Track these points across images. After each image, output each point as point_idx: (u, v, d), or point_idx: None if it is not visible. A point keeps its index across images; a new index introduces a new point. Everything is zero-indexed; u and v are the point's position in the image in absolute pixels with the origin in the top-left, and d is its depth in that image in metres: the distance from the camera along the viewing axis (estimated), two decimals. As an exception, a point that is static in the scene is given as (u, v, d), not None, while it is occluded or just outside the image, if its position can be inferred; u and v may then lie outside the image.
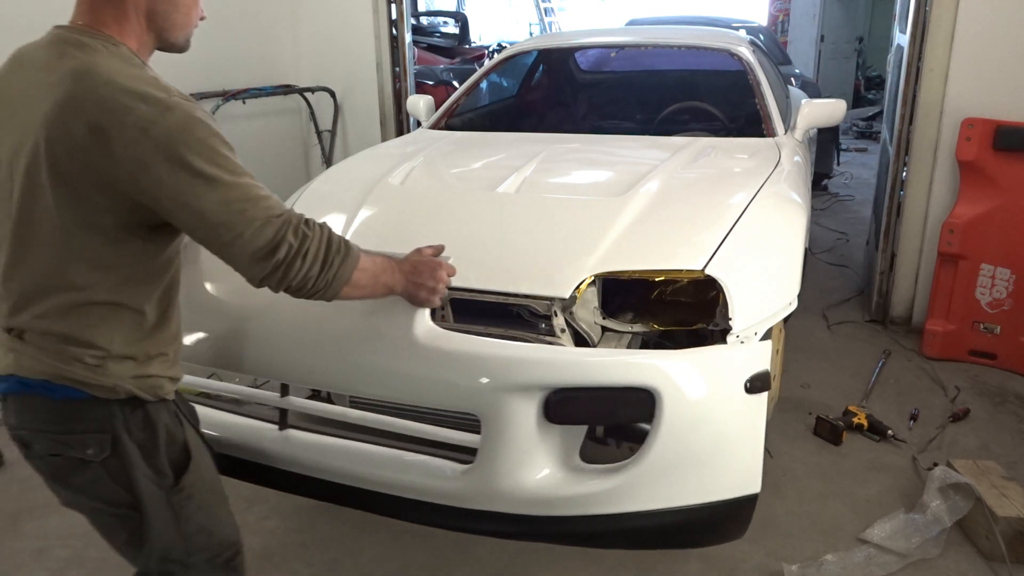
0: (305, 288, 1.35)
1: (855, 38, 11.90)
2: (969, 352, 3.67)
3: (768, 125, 3.39)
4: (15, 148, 1.25)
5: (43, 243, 1.25)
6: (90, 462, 1.28)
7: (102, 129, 1.17)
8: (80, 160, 1.19)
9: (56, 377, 1.27)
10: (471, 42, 10.69)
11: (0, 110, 1.29)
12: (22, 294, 1.28)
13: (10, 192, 1.26)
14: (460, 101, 3.88)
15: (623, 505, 1.63)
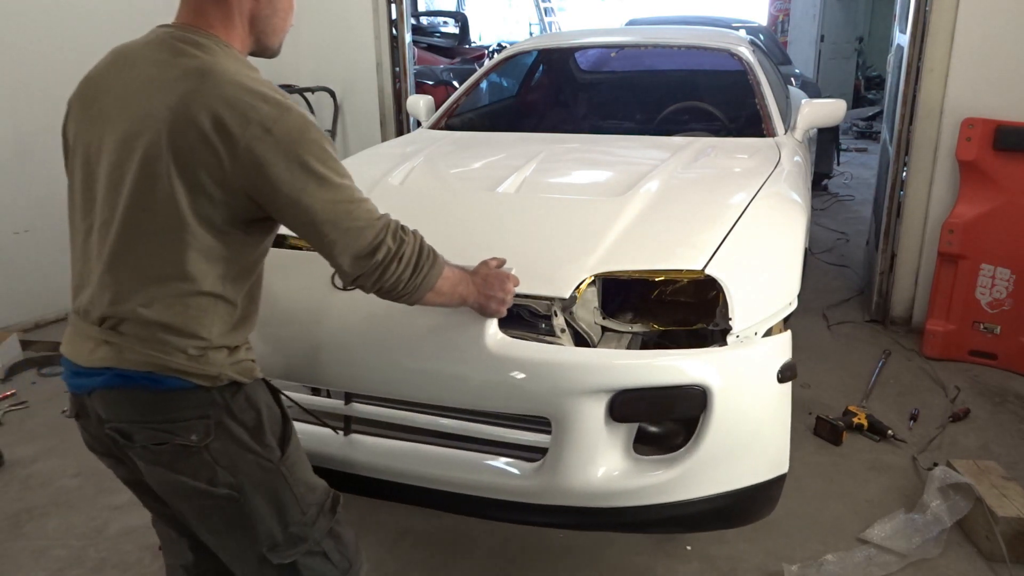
0: (395, 290, 1.44)
1: (855, 38, 11.90)
2: (969, 352, 3.67)
3: (768, 125, 3.39)
4: (125, 138, 1.28)
5: (160, 231, 1.27)
6: (193, 447, 1.31)
7: (225, 125, 1.23)
8: (202, 153, 1.24)
9: (161, 368, 1.29)
10: (471, 42, 10.69)
11: (106, 101, 1.33)
12: (131, 282, 1.29)
13: (120, 179, 1.29)
14: (460, 101, 3.88)
15: (679, 494, 1.76)
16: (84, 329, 1.34)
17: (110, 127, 1.31)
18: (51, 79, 4.09)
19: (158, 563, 2.35)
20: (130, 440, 1.33)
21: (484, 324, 1.77)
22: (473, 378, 1.76)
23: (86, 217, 1.36)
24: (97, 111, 1.35)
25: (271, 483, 1.38)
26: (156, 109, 1.26)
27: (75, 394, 1.40)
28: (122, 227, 1.29)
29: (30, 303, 4.12)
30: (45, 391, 3.45)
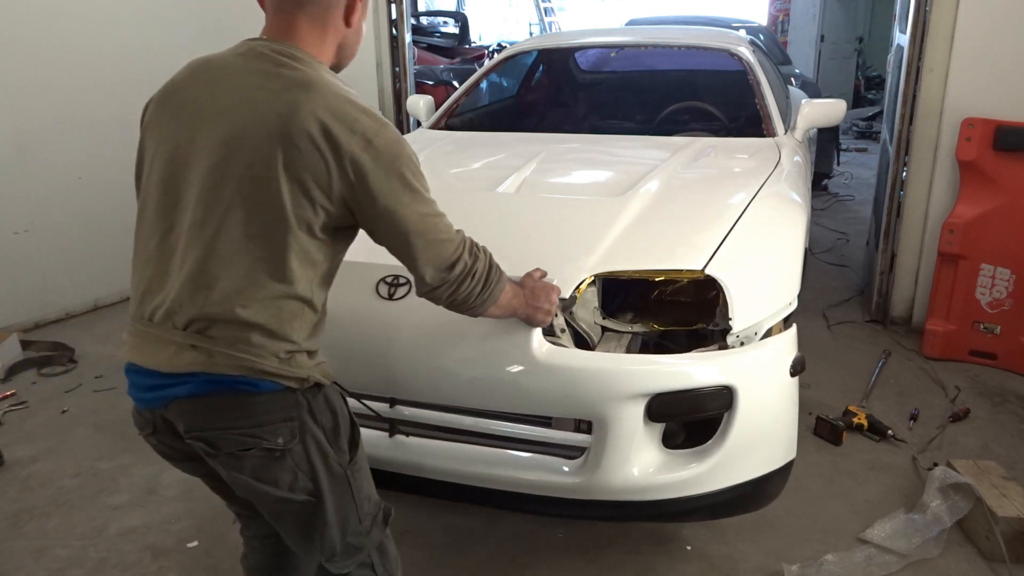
0: (466, 303, 1.52)
1: (855, 38, 11.90)
2: (969, 352, 3.67)
3: (768, 125, 3.39)
4: (227, 140, 1.31)
5: (263, 233, 1.30)
6: (278, 451, 1.33)
7: (332, 134, 1.29)
8: (311, 158, 1.28)
9: (254, 372, 1.30)
10: (471, 42, 10.70)
11: (200, 106, 1.36)
12: (229, 282, 1.30)
13: (219, 180, 1.31)
14: (460, 101, 3.88)
15: (709, 485, 1.90)
16: (162, 334, 1.33)
17: (205, 130, 1.33)
18: (51, 79, 4.09)
19: (158, 563, 2.35)
20: (215, 448, 1.33)
21: (530, 333, 1.86)
22: (521, 385, 1.85)
23: (165, 218, 1.36)
24: (188, 115, 1.37)
25: (339, 489, 1.41)
26: (264, 115, 1.30)
27: (148, 409, 1.40)
28: (221, 227, 1.30)
29: (30, 303, 4.12)
30: (45, 391, 3.46)
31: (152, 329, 1.35)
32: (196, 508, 2.61)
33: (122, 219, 4.52)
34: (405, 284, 1.97)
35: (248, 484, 1.36)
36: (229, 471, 1.36)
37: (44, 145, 4.10)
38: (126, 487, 2.73)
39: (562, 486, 1.90)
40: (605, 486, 1.87)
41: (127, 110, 4.47)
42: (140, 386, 1.39)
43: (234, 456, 1.33)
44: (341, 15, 1.43)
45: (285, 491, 1.36)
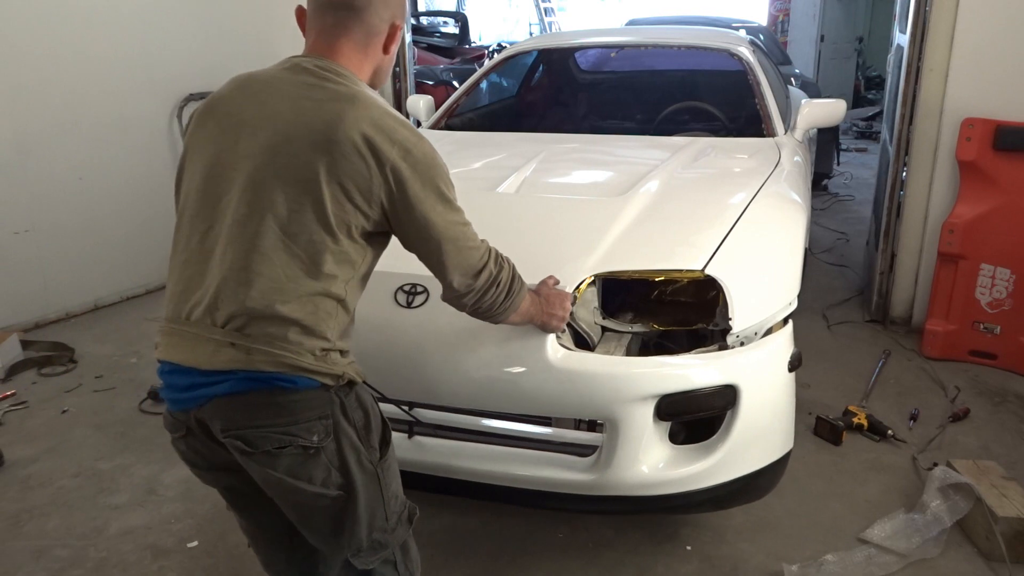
0: (490, 311, 1.60)
1: (855, 38, 11.90)
2: (969, 352, 3.66)
3: (768, 125, 3.39)
4: (272, 145, 1.37)
5: (304, 232, 1.36)
6: (312, 448, 1.36)
7: (374, 144, 1.36)
8: (354, 164, 1.36)
9: (291, 369, 1.34)
10: (471, 42, 10.70)
11: (245, 114, 1.42)
12: (270, 280, 1.34)
13: (262, 182, 1.37)
14: (460, 101, 3.88)
15: (714, 479, 1.99)
16: (200, 332, 1.35)
17: (249, 135, 1.40)
18: (51, 79, 4.09)
19: (158, 563, 2.35)
20: (252, 446, 1.35)
21: (544, 339, 1.92)
22: (536, 388, 1.91)
23: (205, 219, 1.40)
24: (233, 122, 1.43)
25: (370, 485, 1.44)
26: (310, 122, 1.36)
27: (181, 411, 1.41)
28: (263, 225, 1.35)
29: (30, 303, 4.12)
30: (45, 391, 3.46)
31: (190, 328, 1.37)
32: (196, 508, 2.61)
33: (122, 219, 4.54)
34: (423, 293, 2.02)
35: (281, 482, 1.38)
36: (263, 469, 1.38)
37: (45, 145, 4.09)
38: (126, 487, 2.73)
39: (576, 483, 1.97)
40: (617, 482, 1.95)
41: (127, 111, 4.50)
42: (177, 386, 1.40)
43: (270, 454, 1.36)
44: (381, 43, 1.52)
45: (318, 487, 1.39)
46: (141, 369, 3.63)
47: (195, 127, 1.49)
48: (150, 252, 4.71)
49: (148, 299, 4.63)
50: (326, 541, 1.49)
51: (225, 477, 1.50)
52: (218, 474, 1.50)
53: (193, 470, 1.52)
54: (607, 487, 1.96)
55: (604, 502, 2.00)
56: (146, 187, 4.65)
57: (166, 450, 2.95)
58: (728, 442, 2.00)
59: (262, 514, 1.56)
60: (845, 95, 10.35)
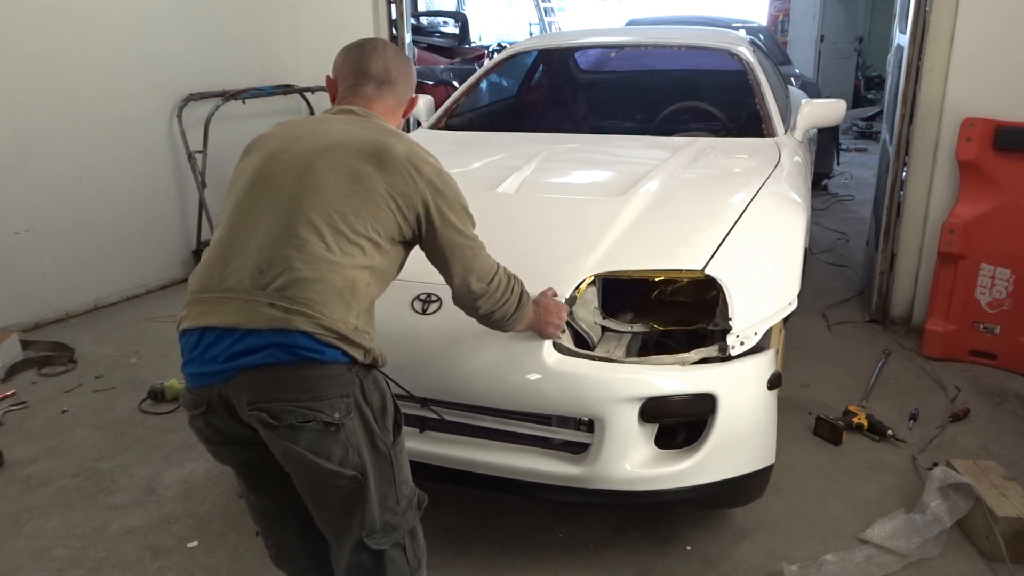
0: (501, 320, 1.80)
1: (855, 38, 11.90)
2: (969, 352, 3.66)
3: (768, 125, 3.39)
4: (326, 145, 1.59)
5: (352, 219, 1.53)
6: (333, 425, 1.45)
7: (416, 164, 1.61)
8: (400, 174, 1.58)
9: (325, 331, 1.44)
10: (471, 42, 10.69)
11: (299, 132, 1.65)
12: (314, 247, 1.48)
13: (319, 168, 1.55)
14: (460, 101, 3.88)
15: (692, 480, 2.10)
16: (239, 295, 1.46)
17: (303, 141, 1.61)
18: (51, 79, 4.09)
19: (158, 563, 2.35)
20: (277, 420, 1.43)
21: (542, 344, 2.05)
22: (533, 388, 2.05)
23: (254, 199, 1.56)
24: (288, 135, 1.65)
25: (383, 467, 1.54)
26: (361, 138, 1.61)
27: (207, 386, 1.48)
28: (316, 202, 1.51)
29: (30, 303, 4.12)
30: (45, 391, 3.46)
31: (228, 293, 1.47)
32: (196, 508, 2.61)
33: (122, 219, 4.54)
34: (436, 301, 2.14)
35: (301, 457, 1.45)
36: (285, 443, 1.45)
37: (45, 146, 4.09)
38: (126, 487, 2.73)
39: (570, 476, 2.09)
40: (604, 476, 2.06)
41: (128, 111, 4.50)
42: (207, 359, 1.46)
43: (293, 428, 1.43)
44: (402, 111, 1.84)
45: (336, 465, 1.46)
46: (141, 369, 3.63)
47: (245, 152, 1.70)
48: (150, 252, 4.72)
49: (148, 299, 4.63)
50: (337, 521, 1.55)
51: (242, 452, 1.57)
52: (235, 449, 1.57)
53: (210, 447, 1.59)
54: (595, 481, 2.07)
55: (595, 495, 2.11)
56: (146, 187, 4.65)
57: (166, 450, 2.96)
58: (707, 447, 2.09)
59: (278, 491, 1.62)
60: (845, 95, 10.35)
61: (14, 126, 3.96)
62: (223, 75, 4.98)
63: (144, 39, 4.51)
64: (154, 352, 3.83)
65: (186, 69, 4.75)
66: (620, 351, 2.18)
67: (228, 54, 5.06)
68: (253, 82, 5.11)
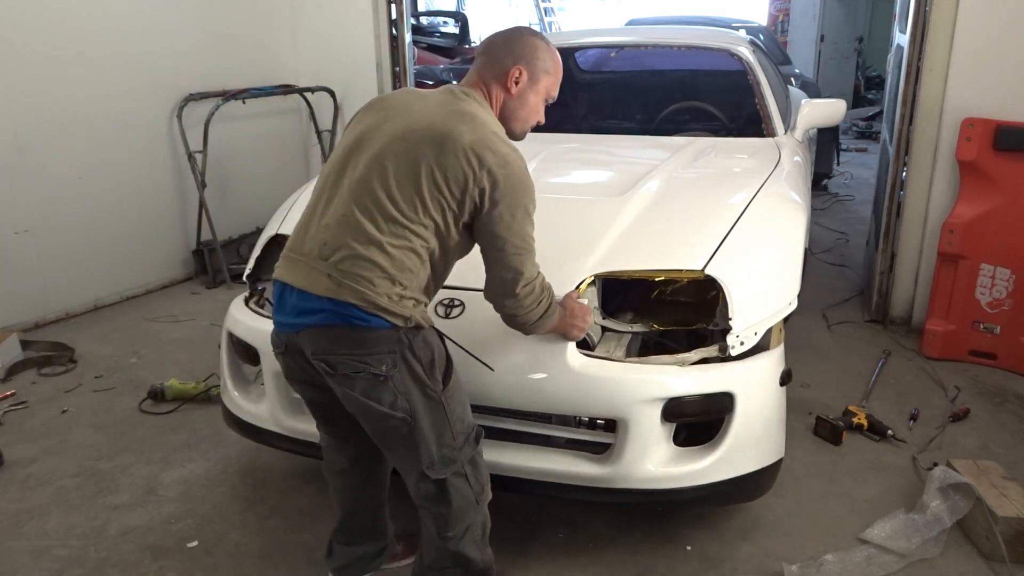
0: (518, 322, 1.88)
1: (855, 38, 11.90)
2: (969, 352, 3.66)
3: (768, 125, 3.39)
4: (404, 132, 1.73)
5: (410, 199, 1.68)
6: (382, 376, 1.68)
7: (477, 153, 1.69)
8: (457, 163, 1.68)
9: (368, 304, 1.65)
10: (471, 42, 10.68)
11: (394, 108, 1.81)
12: (371, 229, 1.67)
13: (386, 154, 1.71)
14: (460, 101, 3.87)
15: (711, 477, 2.12)
16: (307, 262, 1.70)
17: (392, 119, 1.77)
18: (51, 79, 4.09)
19: (158, 563, 2.35)
20: (334, 369, 1.69)
21: (566, 346, 2.07)
22: (558, 389, 2.07)
23: (338, 173, 1.76)
24: (384, 110, 1.82)
25: (434, 411, 1.74)
26: (435, 124, 1.73)
27: (285, 333, 1.77)
28: (374, 187, 1.69)
29: (30, 303, 4.12)
30: (45, 391, 3.45)
31: (302, 257, 1.72)
32: (196, 508, 2.61)
33: (122, 219, 4.54)
34: (459, 306, 2.18)
35: (358, 400, 1.70)
36: (343, 388, 1.71)
37: (45, 146, 4.09)
38: (126, 487, 2.73)
39: (590, 476, 2.12)
40: (626, 476, 2.09)
41: (127, 111, 4.50)
42: (285, 310, 1.74)
43: (348, 377, 1.68)
44: (504, 84, 1.88)
45: (387, 408, 1.70)
46: (141, 369, 3.63)
47: (357, 115, 1.88)
48: (150, 252, 4.71)
49: (148, 299, 4.63)
50: (400, 456, 1.79)
51: (309, 390, 1.88)
52: (304, 387, 1.89)
53: (288, 380, 1.92)
54: (617, 480, 2.09)
55: (618, 494, 2.13)
56: (146, 187, 4.65)
57: (166, 450, 2.96)
58: (724, 445, 2.11)
59: (334, 426, 1.97)
60: (845, 95, 10.35)
61: (14, 126, 3.96)
62: (223, 75, 4.98)
63: (144, 39, 4.51)
64: (154, 352, 3.83)
65: (186, 69, 4.75)
66: (620, 351, 2.19)
67: (228, 54, 5.05)
68: (253, 82, 5.11)
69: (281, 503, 2.62)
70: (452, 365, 1.83)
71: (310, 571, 2.31)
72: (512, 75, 1.86)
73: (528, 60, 1.88)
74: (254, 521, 2.54)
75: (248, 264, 2.65)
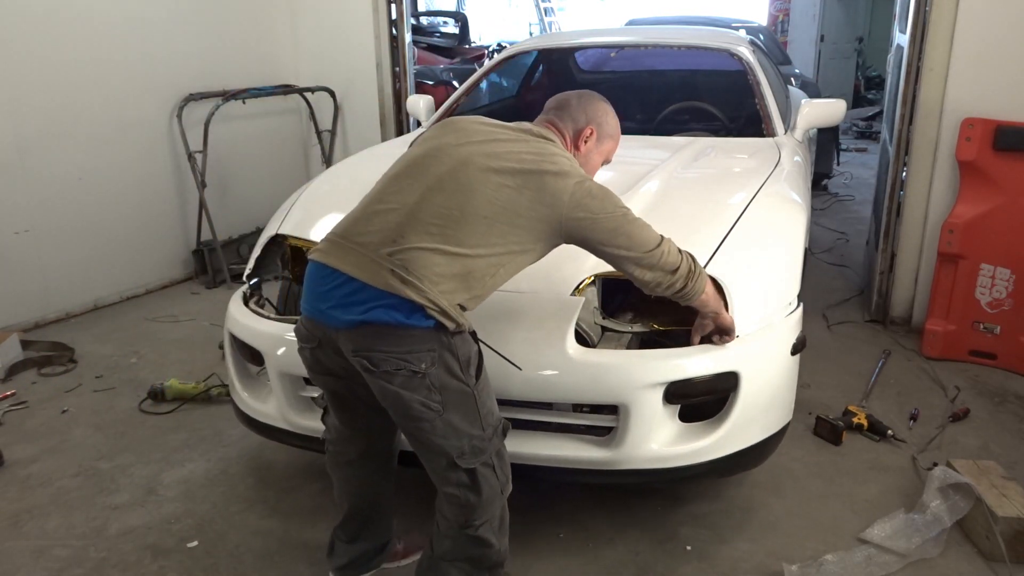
0: (669, 293, 1.94)
1: (855, 38, 11.89)
2: (969, 352, 3.67)
3: (768, 125, 3.39)
4: (488, 145, 1.86)
5: (481, 216, 1.77)
6: (419, 374, 1.74)
7: (559, 187, 1.80)
8: (544, 200, 1.80)
9: (429, 303, 1.71)
10: (471, 42, 10.69)
11: (475, 131, 1.93)
12: (437, 236, 1.74)
13: (469, 164, 1.81)
14: (460, 101, 3.88)
15: (715, 453, 2.17)
16: (367, 253, 1.74)
17: (471, 136, 1.89)
18: (51, 80, 4.09)
19: (158, 563, 2.35)
20: (376, 367, 1.74)
21: (564, 337, 2.10)
22: (561, 379, 2.11)
23: (410, 176, 1.84)
24: (463, 132, 1.92)
25: (466, 404, 1.81)
26: (520, 152, 1.85)
27: (322, 324, 1.79)
28: (457, 196, 1.77)
29: (30, 303, 4.12)
30: (45, 391, 3.46)
31: (358, 248, 1.76)
32: (196, 508, 2.61)
33: (122, 219, 4.53)
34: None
35: (396, 393, 1.75)
36: (382, 383, 1.76)
37: (45, 146, 4.09)
38: (126, 487, 2.73)
39: (594, 459, 2.16)
40: (630, 457, 2.13)
41: (127, 112, 4.50)
42: (330, 299, 1.76)
43: (388, 373, 1.74)
44: (575, 140, 2.04)
45: (422, 399, 1.76)
46: (141, 369, 3.64)
47: (434, 128, 1.98)
48: (150, 252, 4.71)
49: (148, 299, 4.63)
50: (430, 445, 1.83)
51: (333, 382, 1.93)
52: (328, 379, 1.92)
53: (310, 373, 1.95)
54: (621, 462, 2.14)
55: (624, 475, 2.18)
56: (146, 187, 4.65)
57: (166, 450, 2.96)
58: (729, 421, 2.15)
59: (352, 417, 2.02)
60: (845, 95, 10.36)
61: (14, 126, 3.96)
62: (223, 75, 4.98)
63: (144, 39, 4.51)
64: (154, 352, 3.83)
65: (186, 69, 4.75)
66: (621, 350, 2.19)
67: (228, 54, 5.05)
68: (253, 82, 5.11)
69: (281, 503, 2.63)
70: (483, 363, 1.89)
71: (310, 571, 2.31)
72: (584, 134, 2.02)
73: (599, 123, 2.04)
74: (254, 521, 2.54)
75: (248, 264, 2.65)
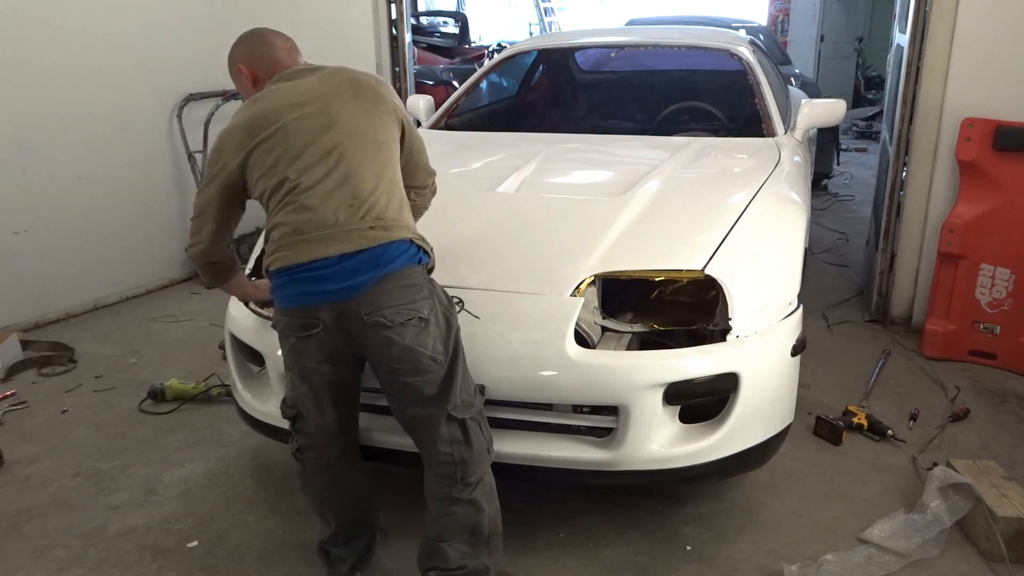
0: None
1: (855, 38, 11.89)
2: (969, 352, 3.66)
3: (768, 125, 3.39)
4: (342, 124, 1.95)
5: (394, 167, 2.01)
6: (424, 320, 1.86)
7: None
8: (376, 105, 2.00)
9: (415, 236, 1.89)
10: (471, 42, 10.70)
11: (303, 93, 2.08)
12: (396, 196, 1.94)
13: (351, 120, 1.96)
14: (460, 101, 3.88)
15: (716, 455, 2.17)
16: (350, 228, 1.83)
17: (313, 103, 2.02)
18: (51, 79, 4.09)
19: (158, 563, 2.35)
20: (391, 321, 1.83)
21: (564, 338, 2.08)
22: (560, 381, 2.10)
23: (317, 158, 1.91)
24: (295, 103, 2.03)
25: (458, 354, 1.93)
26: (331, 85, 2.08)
27: (332, 302, 1.84)
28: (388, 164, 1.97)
29: (30, 303, 4.12)
30: (45, 391, 3.46)
31: (338, 229, 1.83)
32: (196, 508, 2.61)
33: (122, 219, 4.53)
34: (458, 303, 2.18)
35: (410, 348, 1.85)
36: (396, 338, 1.84)
37: (44, 145, 4.09)
38: (126, 487, 2.73)
39: (595, 460, 2.15)
40: (630, 458, 2.13)
41: (127, 111, 4.50)
42: (335, 278, 1.83)
43: (403, 325, 1.84)
44: None
45: (430, 351, 1.87)
46: (141, 369, 3.63)
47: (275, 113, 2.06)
48: (150, 252, 4.71)
49: (148, 299, 4.63)
50: (428, 400, 1.89)
51: (330, 372, 1.96)
52: (325, 368, 1.95)
53: (306, 364, 1.94)
54: (622, 463, 2.14)
55: (624, 476, 2.18)
56: (146, 187, 4.64)
57: (166, 450, 2.96)
58: (729, 422, 2.15)
59: (338, 411, 2.02)
60: (845, 95, 10.35)
61: (14, 126, 3.96)
62: (223, 75, 4.92)
63: (144, 39, 4.51)
64: (154, 352, 3.83)
65: (186, 69, 4.75)
66: (620, 351, 2.19)
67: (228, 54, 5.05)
68: (253, 82, 5.11)
69: (281, 503, 2.63)
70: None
71: (310, 571, 2.31)
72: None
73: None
74: (254, 521, 2.54)
75: (248, 264, 2.65)
